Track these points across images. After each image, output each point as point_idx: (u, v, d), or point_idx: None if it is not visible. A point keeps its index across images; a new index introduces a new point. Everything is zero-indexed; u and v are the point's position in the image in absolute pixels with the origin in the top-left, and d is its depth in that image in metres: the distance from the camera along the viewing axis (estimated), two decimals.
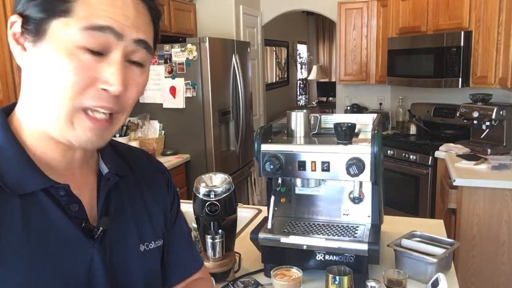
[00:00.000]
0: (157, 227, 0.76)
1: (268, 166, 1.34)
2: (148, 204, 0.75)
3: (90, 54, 0.57)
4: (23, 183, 0.58)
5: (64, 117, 0.58)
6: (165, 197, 0.82)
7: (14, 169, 0.58)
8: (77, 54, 0.56)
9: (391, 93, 4.51)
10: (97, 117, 0.59)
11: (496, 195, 2.51)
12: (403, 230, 1.52)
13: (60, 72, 0.56)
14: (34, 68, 0.58)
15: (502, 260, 2.56)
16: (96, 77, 0.58)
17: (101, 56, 0.58)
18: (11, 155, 0.58)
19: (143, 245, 0.72)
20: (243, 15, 4.40)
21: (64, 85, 0.56)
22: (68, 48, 0.56)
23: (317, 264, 1.35)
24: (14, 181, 0.57)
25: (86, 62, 0.57)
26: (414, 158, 3.43)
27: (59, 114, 0.58)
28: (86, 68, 0.57)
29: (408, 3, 3.70)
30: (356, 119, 1.55)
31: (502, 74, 2.88)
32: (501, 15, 2.89)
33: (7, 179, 0.57)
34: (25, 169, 0.58)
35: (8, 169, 0.57)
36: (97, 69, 0.57)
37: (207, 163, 3.48)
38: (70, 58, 0.56)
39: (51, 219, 0.60)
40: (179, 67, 3.37)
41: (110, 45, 0.58)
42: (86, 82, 0.57)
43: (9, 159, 0.58)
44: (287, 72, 8.17)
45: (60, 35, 0.56)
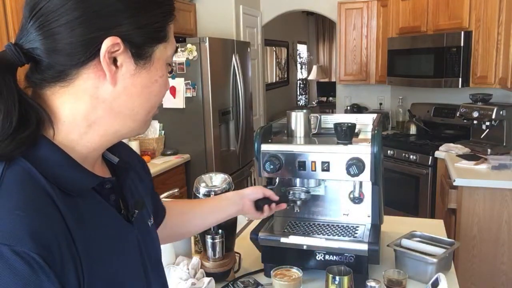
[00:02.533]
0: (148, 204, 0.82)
1: (268, 166, 1.34)
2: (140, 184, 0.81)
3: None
4: (79, 184, 0.60)
5: (148, 119, 0.68)
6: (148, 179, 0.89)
7: (68, 173, 0.59)
8: (167, 70, 0.67)
9: (391, 93, 4.51)
10: None
11: (496, 195, 2.51)
12: (403, 230, 1.52)
13: (161, 86, 0.66)
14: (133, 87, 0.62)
15: (502, 260, 2.56)
16: None
17: None
18: (60, 161, 0.59)
19: (149, 221, 0.79)
20: (243, 15, 4.40)
21: (161, 95, 0.67)
22: (164, 67, 0.66)
23: (317, 264, 1.35)
24: (72, 184, 0.59)
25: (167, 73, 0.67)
26: (414, 158, 3.43)
27: (146, 118, 0.67)
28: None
29: (408, 3, 3.70)
30: (356, 119, 1.55)
31: (502, 74, 2.88)
32: (501, 15, 2.89)
33: (67, 184, 0.58)
34: (76, 171, 0.61)
35: (64, 174, 0.59)
36: None
37: (207, 163, 3.48)
38: (165, 74, 0.66)
39: (105, 212, 0.65)
40: (179, 67, 3.37)
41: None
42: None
43: (60, 165, 0.59)
44: (287, 72, 8.17)
45: (162, 57, 0.64)
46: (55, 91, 0.59)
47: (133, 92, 0.62)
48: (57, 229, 0.53)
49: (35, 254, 0.49)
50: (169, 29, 0.65)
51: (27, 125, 0.56)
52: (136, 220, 0.71)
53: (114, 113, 0.62)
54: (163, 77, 0.65)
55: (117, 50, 0.58)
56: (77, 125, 0.61)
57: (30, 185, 0.54)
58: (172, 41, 0.66)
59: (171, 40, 0.66)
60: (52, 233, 0.52)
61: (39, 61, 0.58)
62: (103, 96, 0.60)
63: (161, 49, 0.64)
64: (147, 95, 0.64)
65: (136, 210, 0.70)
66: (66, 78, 0.59)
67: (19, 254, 0.48)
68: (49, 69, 0.58)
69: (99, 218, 0.63)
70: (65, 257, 0.52)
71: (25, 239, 0.49)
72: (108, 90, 0.60)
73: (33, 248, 0.49)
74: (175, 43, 0.68)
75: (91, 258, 0.57)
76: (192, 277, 1.29)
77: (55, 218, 0.54)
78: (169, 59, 0.66)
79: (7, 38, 2.32)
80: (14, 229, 0.49)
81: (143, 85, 0.63)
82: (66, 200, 0.57)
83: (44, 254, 0.50)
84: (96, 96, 0.60)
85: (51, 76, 0.59)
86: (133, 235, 0.69)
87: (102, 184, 0.65)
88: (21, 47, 0.58)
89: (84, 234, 0.57)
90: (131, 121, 0.65)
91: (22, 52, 0.57)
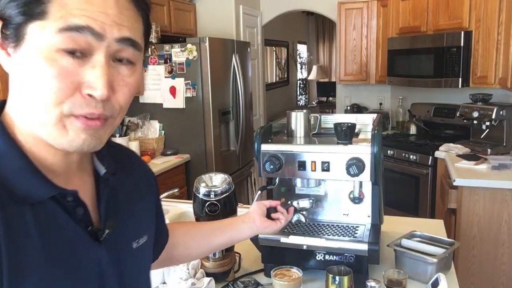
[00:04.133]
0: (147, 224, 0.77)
1: (268, 166, 1.34)
2: (138, 202, 0.75)
3: (70, 57, 0.54)
4: (33, 192, 0.56)
5: (54, 122, 0.55)
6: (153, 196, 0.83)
7: (22, 179, 0.56)
8: (57, 59, 0.53)
9: (391, 93, 4.51)
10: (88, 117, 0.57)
11: (496, 195, 2.51)
12: (403, 230, 1.52)
13: (42, 78, 0.53)
14: (19, 73, 0.56)
15: (502, 260, 2.56)
16: (80, 82, 0.55)
17: (83, 59, 0.55)
18: (16, 165, 0.56)
19: (135, 242, 0.72)
20: (243, 15, 4.40)
21: (48, 92, 0.54)
22: (47, 53, 0.53)
23: (317, 264, 1.35)
24: (24, 191, 0.55)
25: (67, 66, 0.54)
26: (414, 158, 3.43)
27: (49, 120, 0.55)
28: (68, 73, 0.54)
29: (408, 3, 3.70)
30: (356, 119, 1.55)
31: (502, 74, 2.88)
32: (501, 15, 2.89)
33: (17, 190, 0.55)
34: (33, 178, 0.57)
35: (16, 180, 0.55)
36: (80, 73, 0.55)
37: (207, 163, 3.48)
38: (50, 63, 0.53)
39: (61, 225, 0.59)
40: (179, 67, 3.37)
41: (91, 46, 0.54)
42: (70, 88, 0.54)
43: (15, 169, 0.56)
44: (287, 72, 8.17)
45: (38, 39, 0.53)
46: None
47: (17, 83, 0.56)
48: None
49: None
50: (51, 3, 0.52)
51: None
52: (109, 240, 0.65)
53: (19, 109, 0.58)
54: (43, 67, 0.53)
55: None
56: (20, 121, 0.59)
57: None
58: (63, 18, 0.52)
59: (59, 18, 0.52)
60: None
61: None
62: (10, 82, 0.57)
63: (36, 29, 0.53)
64: (30, 88, 0.54)
65: (108, 230, 0.64)
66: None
67: None
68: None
69: (50, 232, 0.57)
70: None
71: None
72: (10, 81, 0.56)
73: None
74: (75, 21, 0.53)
75: (19, 269, 0.53)
76: (192, 277, 1.29)
77: None
78: (58, 44, 0.53)
79: None
80: None
81: (21, 74, 0.55)
82: (9, 207, 0.53)
83: None
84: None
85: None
86: (94, 254, 0.63)
87: (63, 196, 0.59)
88: None
89: (17, 244, 0.53)
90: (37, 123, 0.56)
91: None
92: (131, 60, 0.60)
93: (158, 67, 3.39)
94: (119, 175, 0.71)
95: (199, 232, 1.05)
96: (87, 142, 0.57)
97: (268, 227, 1.12)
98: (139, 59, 0.61)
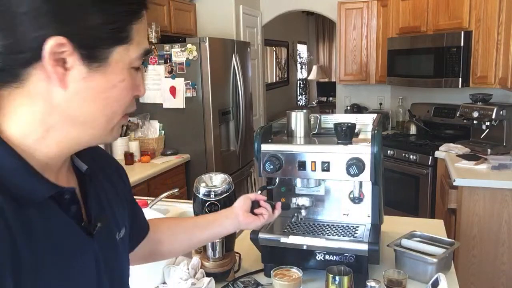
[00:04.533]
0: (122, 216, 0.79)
1: (268, 166, 1.34)
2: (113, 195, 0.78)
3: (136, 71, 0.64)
4: (34, 192, 0.58)
5: (111, 127, 0.64)
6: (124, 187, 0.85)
7: (22, 180, 0.57)
8: (132, 74, 0.63)
9: (391, 93, 4.51)
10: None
11: (496, 195, 2.51)
12: (403, 230, 1.52)
13: (123, 91, 0.62)
14: (86, 92, 0.59)
15: (502, 260, 2.56)
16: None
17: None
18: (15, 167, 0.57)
19: (117, 234, 0.75)
20: (243, 15, 4.40)
21: (123, 102, 0.62)
22: (126, 70, 0.61)
23: (317, 264, 1.35)
24: (25, 191, 0.57)
25: (134, 78, 0.63)
26: (414, 158, 3.43)
27: (108, 126, 0.63)
28: (136, 84, 0.64)
29: (408, 3, 3.70)
30: (356, 119, 1.55)
31: (502, 74, 2.88)
32: (501, 15, 2.89)
33: (19, 191, 0.56)
34: (32, 179, 0.58)
35: (17, 182, 0.57)
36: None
37: (207, 163, 3.48)
38: (129, 78, 0.62)
39: (62, 222, 0.62)
40: (179, 67, 3.37)
41: None
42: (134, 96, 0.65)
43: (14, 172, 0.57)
44: (287, 72, 8.17)
45: (122, 60, 0.60)
46: (11, 91, 0.58)
47: (87, 97, 0.59)
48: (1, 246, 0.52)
49: None
50: (132, 30, 0.60)
51: None
52: (99, 234, 0.67)
53: (70, 119, 0.60)
54: (124, 82, 0.61)
55: (65, 51, 0.55)
56: (34, 129, 0.59)
57: None
58: (139, 42, 0.62)
59: (137, 41, 0.61)
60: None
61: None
62: (56, 101, 0.58)
63: (121, 51, 0.60)
64: (104, 101, 0.61)
65: (99, 223, 0.67)
66: (17, 79, 0.57)
67: None
68: (0, 69, 0.56)
69: (54, 230, 0.60)
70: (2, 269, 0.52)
71: None
72: (60, 94, 0.58)
73: None
74: (145, 44, 0.63)
75: (36, 271, 0.56)
76: (192, 277, 1.29)
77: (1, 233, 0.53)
78: (134, 62, 0.62)
79: None
80: None
81: (98, 90, 0.60)
82: (18, 211, 0.55)
83: None
84: (50, 99, 0.58)
85: (3, 76, 0.57)
86: (91, 249, 0.65)
87: (61, 194, 0.61)
88: None
89: (32, 247, 0.55)
90: (91, 128, 0.62)
91: None
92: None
93: (158, 67, 3.39)
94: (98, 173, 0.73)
95: (182, 227, 1.06)
96: (119, 133, 0.68)
97: (251, 223, 1.14)
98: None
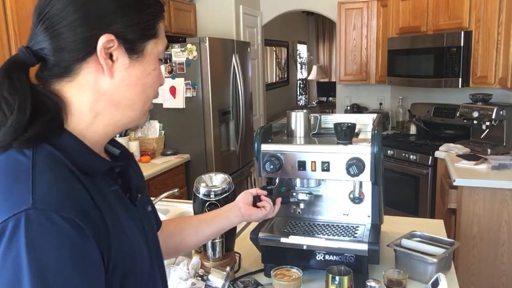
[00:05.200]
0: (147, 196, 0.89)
1: (268, 166, 1.34)
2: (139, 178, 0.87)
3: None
4: (95, 167, 0.69)
5: (147, 109, 0.75)
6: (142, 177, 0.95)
7: (84, 158, 0.67)
8: (159, 64, 0.74)
9: (391, 93, 4.51)
10: None
11: (496, 195, 2.51)
12: (403, 230, 1.52)
13: (155, 78, 0.73)
14: (129, 79, 0.70)
15: (502, 260, 2.56)
16: None
17: None
18: (75, 146, 0.68)
19: (148, 206, 0.86)
20: (243, 15, 4.40)
21: (155, 87, 0.75)
22: (156, 61, 0.73)
23: (317, 264, 1.35)
24: (89, 167, 0.67)
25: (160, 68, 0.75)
26: (414, 158, 3.43)
27: (145, 108, 0.74)
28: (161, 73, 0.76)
29: (408, 3, 3.70)
30: (356, 119, 1.55)
31: (502, 74, 2.88)
32: (501, 15, 2.89)
33: (85, 166, 0.67)
34: (91, 155, 0.69)
35: (82, 159, 0.67)
36: None
37: (207, 163, 3.48)
38: (158, 68, 0.74)
39: (117, 193, 0.72)
40: (179, 67, 3.37)
41: None
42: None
43: (77, 149, 0.68)
44: (287, 72, 8.17)
45: (153, 52, 0.72)
46: (63, 85, 0.68)
47: (129, 83, 0.70)
48: (88, 201, 0.62)
49: (78, 219, 0.58)
50: (158, 27, 0.72)
51: (46, 112, 0.65)
52: (139, 203, 0.78)
53: (115, 104, 0.71)
54: (156, 70, 0.73)
55: (112, 46, 0.67)
56: (85, 115, 0.69)
57: (58, 165, 0.63)
58: (163, 37, 0.74)
59: (162, 37, 0.74)
60: (87, 204, 0.62)
61: (47, 60, 0.67)
62: (104, 88, 0.69)
63: (152, 45, 0.72)
64: (142, 86, 0.72)
65: (139, 194, 0.78)
66: (71, 73, 0.67)
67: (65, 219, 0.57)
68: (56, 66, 0.67)
69: (113, 197, 0.70)
70: (98, 224, 0.62)
71: (69, 207, 0.59)
72: (107, 82, 0.69)
73: (76, 214, 0.59)
74: (166, 40, 0.75)
75: (115, 228, 0.65)
76: (192, 277, 1.29)
77: (83, 192, 0.63)
78: (160, 55, 0.74)
79: (7, 38, 2.32)
80: (58, 198, 0.59)
81: (138, 76, 0.71)
82: (87, 179, 0.65)
83: (85, 220, 0.59)
84: (98, 88, 0.69)
85: (57, 72, 0.67)
86: (137, 216, 0.76)
87: (112, 168, 0.73)
88: (31, 49, 0.67)
89: (106, 207, 0.65)
90: (131, 111, 0.73)
91: (33, 53, 0.67)
92: None
93: None
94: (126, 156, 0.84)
95: (189, 224, 1.13)
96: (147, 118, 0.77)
97: (253, 214, 1.20)
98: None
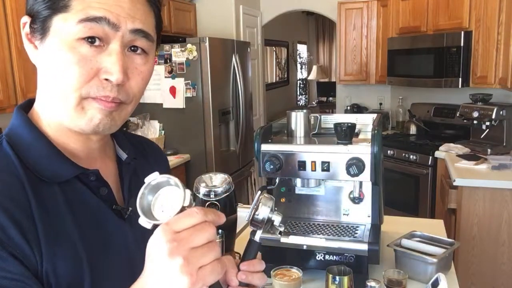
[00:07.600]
0: None
1: (268, 166, 1.34)
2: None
3: (89, 45, 0.60)
4: (58, 172, 0.63)
5: (75, 105, 0.61)
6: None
7: (47, 161, 0.63)
8: (77, 47, 0.59)
9: (391, 93, 4.51)
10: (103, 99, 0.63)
11: (496, 195, 2.51)
12: (403, 230, 1.52)
13: (64, 65, 0.60)
14: (44, 64, 0.63)
15: (502, 260, 2.56)
16: (98, 68, 0.61)
17: (101, 48, 0.61)
18: (41, 149, 0.63)
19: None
20: (243, 15, 4.40)
21: (69, 77, 0.60)
22: (68, 42, 0.59)
23: (317, 264, 1.35)
24: (50, 171, 0.63)
25: (86, 54, 0.60)
26: (414, 158, 3.43)
27: (70, 103, 0.61)
28: (87, 59, 0.60)
29: (408, 3, 3.70)
30: (356, 119, 1.55)
31: (502, 74, 2.88)
32: (501, 15, 2.89)
33: (44, 171, 0.62)
34: (57, 160, 0.64)
35: (42, 162, 0.63)
36: (99, 60, 0.60)
37: (207, 163, 3.48)
38: (72, 51, 0.59)
39: (88, 202, 0.66)
40: (179, 67, 3.37)
41: (108, 36, 0.60)
42: (89, 73, 0.60)
43: (40, 153, 0.63)
44: (287, 72, 8.17)
45: (61, 30, 0.60)
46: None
47: (42, 69, 0.63)
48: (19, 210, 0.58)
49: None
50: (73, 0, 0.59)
51: None
52: (132, 218, 0.69)
53: (45, 94, 0.65)
54: (67, 53, 0.59)
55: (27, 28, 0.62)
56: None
57: (5, 170, 0.60)
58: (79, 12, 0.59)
59: (76, 11, 0.59)
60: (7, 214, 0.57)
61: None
62: (39, 80, 0.65)
63: (59, 21, 0.59)
64: (53, 73, 0.61)
65: (131, 208, 0.70)
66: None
67: None
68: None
69: (77, 206, 0.64)
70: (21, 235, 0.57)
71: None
72: (38, 70, 0.64)
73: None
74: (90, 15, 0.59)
75: (54, 239, 0.59)
76: None
77: (19, 200, 0.58)
78: (78, 34, 0.59)
79: (7, 38, 2.32)
80: None
81: (46, 61, 0.62)
82: (40, 186, 0.61)
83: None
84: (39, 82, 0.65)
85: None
86: (120, 230, 0.69)
87: (87, 176, 0.66)
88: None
89: (50, 217, 0.60)
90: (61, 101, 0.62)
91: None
92: (144, 50, 0.65)
93: (158, 67, 3.39)
94: (139, 160, 0.78)
95: None
96: (103, 122, 0.63)
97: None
98: (151, 50, 0.67)
